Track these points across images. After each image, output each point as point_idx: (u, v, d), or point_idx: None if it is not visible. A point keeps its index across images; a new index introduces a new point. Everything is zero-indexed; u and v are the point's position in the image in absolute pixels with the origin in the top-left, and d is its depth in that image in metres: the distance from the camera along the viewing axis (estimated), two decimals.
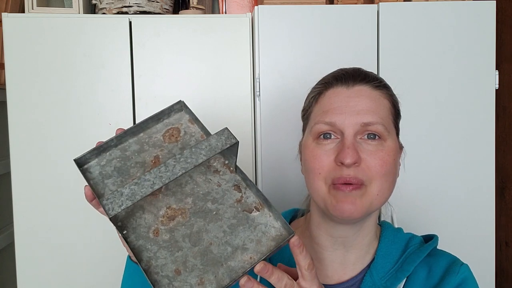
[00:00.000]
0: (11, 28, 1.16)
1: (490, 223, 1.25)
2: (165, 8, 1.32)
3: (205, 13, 1.36)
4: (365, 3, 1.27)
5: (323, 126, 0.65)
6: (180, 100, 0.66)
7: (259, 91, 1.20)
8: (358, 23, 1.21)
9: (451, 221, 1.25)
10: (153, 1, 1.27)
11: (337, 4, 1.27)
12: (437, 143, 1.23)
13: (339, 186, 0.62)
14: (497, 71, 1.23)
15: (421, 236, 0.74)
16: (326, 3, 1.27)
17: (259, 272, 0.51)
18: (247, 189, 0.60)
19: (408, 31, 1.21)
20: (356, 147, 0.63)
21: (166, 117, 0.65)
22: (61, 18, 1.19)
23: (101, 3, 1.26)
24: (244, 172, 0.62)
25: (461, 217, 1.25)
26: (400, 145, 0.70)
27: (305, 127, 0.72)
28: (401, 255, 0.69)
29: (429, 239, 0.72)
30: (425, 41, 1.22)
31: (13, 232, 1.18)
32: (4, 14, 1.16)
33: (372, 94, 0.66)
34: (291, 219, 0.81)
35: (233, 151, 0.60)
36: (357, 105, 0.64)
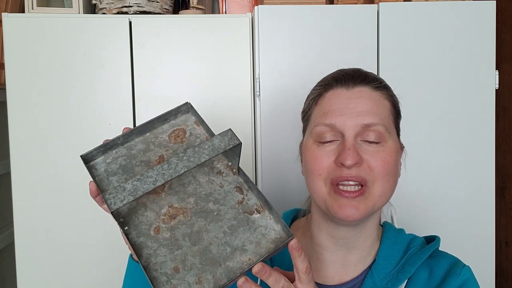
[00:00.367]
0: (11, 28, 1.16)
1: (490, 223, 1.25)
2: (165, 8, 1.32)
3: (205, 13, 1.36)
4: (365, 3, 1.27)
5: (323, 128, 0.65)
6: (187, 102, 0.67)
7: (259, 91, 1.20)
8: (358, 23, 1.21)
9: (451, 221, 1.25)
10: (153, 1, 1.27)
11: (337, 4, 1.27)
12: (437, 143, 1.23)
13: (341, 192, 0.62)
14: (497, 71, 1.23)
15: (423, 237, 0.74)
16: (326, 3, 1.27)
17: (257, 273, 0.51)
18: (249, 191, 0.60)
19: (408, 31, 1.21)
20: (357, 148, 0.62)
21: (173, 118, 0.66)
22: (61, 18, 1.18)
23: (101, 3, 1.26)
24: (246, 173, 0.62)
25: (461, 217, 1.25)
26: (401, 145, 0.70)
27: (305, 128, 0.72)
28: (403, 257, 0.69)
29: (431, 240, 0.72)
30: (425, 41, 1.22)
31: (13, 232, 1.18)
32: (4, 14, 1.16)
33: (373, 95, 0.66)
34: (292, 219, 0.80)
35: (236, 153, 0.60)
36: (357, 107, 0.64)
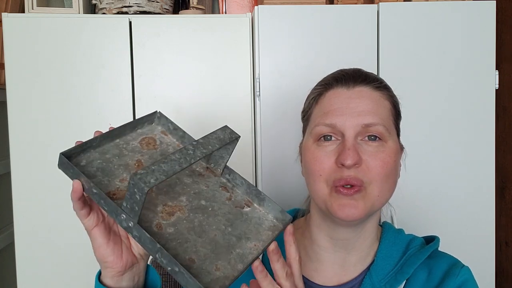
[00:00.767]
0: (11, 28, 1.16)
1: (490, 223, 1.25)
2: (165, 8, 1.32)
3: (205, 13, 1.36)
4: (365, 3, 1.27)
5: (323, 128, 0.65)
6: (156, 110, 0.67)
7: (259, 91, 1.20)
8: (358, 23, 1.21)
9: (451, 221, 1.25)
10: (153, 1, 1.27)
11: (337, 4, 1.27)
12: (437, 143, 1.23)
13: (340, 190, 0.62)
14: (497, 71, 1.23)
15: (422, 237, 0.73)
16: (326, 3, 1.27)
17: (273, 251, 0.54)
18: (234, 188, 0.63)
19: (408, 31, 1.21)
20: (356, 148, 0.62)
21: (140, 126, 0.66)
22: (61, 18, 1.18)
23: (101, 3, 1.26)
24: (236, 171, 0.64)
25: (461, 217, 1.25)
26: (401, 146, 0.70)
27: (305, 128, 0.72)
28: (402, 257, 0.69)
29: (431, 240, 0.72)
30: (425, 41, 1.21)
31: (13, 232, 1.18)
32: (4, 14, 1.16)
33: (373, 95, 0.66)
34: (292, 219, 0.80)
35: (228, 150, 0.62)
36: (357, 106, 0.64)
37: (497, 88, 1.23)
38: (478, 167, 1.24)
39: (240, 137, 0.60)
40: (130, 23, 1.20)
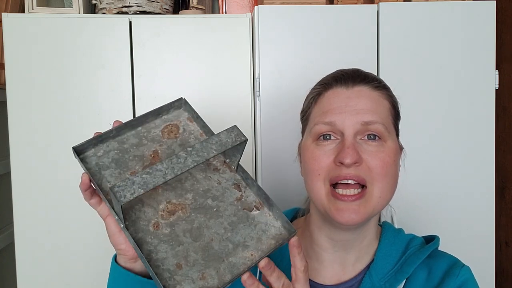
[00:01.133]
0: (11, 28, 1.16)
1: (490, 223, 1.25)
2: (165, 8, 1.32)
3: (205, 13, 1.36)
4: (365, 3, 1.27)
5: (322, 127, 0.64)
6: (181, 97, 0.66)
7: (259, 91, 1.20)
8: (358, 23, 1.21)
9: (451, 221, 1.25)
10: (153, 1, 1.27)
11: (337, 4, 1.27)
12: (437, 143, 1.23)
13: (339, 196, 0.61)
14: (497, 71, 1.23)
15: (422, 237, 0.73)
16: (326, 3, 1.27)
17: (263, 268, 0.52)
18: (247, 188, 0.60)
19: (408, 31, 1.21)
20: (356, 147, 0.62)
21: (165, 113, 0.65)
22: (61, 18, 1.18)
23: (101, 3, 1.26)
24: (246, 171, 0.61)
25: (461, 217, 1.25)
26: (400, 146, 0.70)
27: (304, 128, 0.72)
28: (401, 256, 0.69)
29: (431, 240, 0.72)
30: (425, 41, 1.21)
31: (13, 232, 1.18)
32: (4, 14, 1.16)
33: (372, 95, 0.66)
34: (291, 218, 0.80)
35: (239, 150, 0.59)
36: (357, 105, 0.64)
37: (497, 88, 1.23)
38: (478, 167, 1.24)
39: (247, 140, 0.57)
40: (130, 23, 1.20)
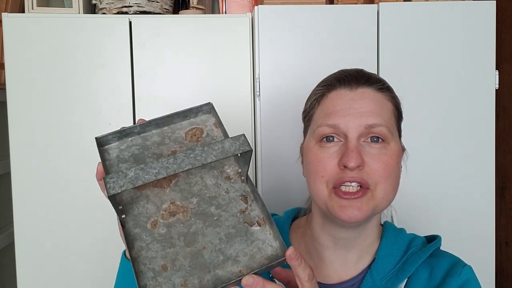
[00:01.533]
0: (11, 28, 1.16)
1: (490, 223, 1.25)
2: (165, 8, 1.32)
3: (205, 13, 1.36)
4: (365, 3, 1.27)
5: (326, 129, 0.64)
6: (209, 102, 0.66)
7: (259, 91, 1.20)
8: (358, 23, 1.21)
9: (451, 221, 1.25)
10: (153, 1, 1.27)
11: (337, 4, 1.27)
12: (437, 143, 1.23)
13: (341, 194, 0.62)
14: (497, 71, 1.23)
15: (423, 236, 0.73)
16: (326, 3, 1.27)
17: (246, 286, 0.49)
18: (254, 202, 0.59)
19: (408, 31, 1.21)
20: (359, 150, 0.62)
21: (193, 116, 0.66)
22: (61, 18, 1.18)
23: (101, 3, 1.26)
24: (253, 183, 0.61)
25: (461, 217, 1.25)
26: (403, 147, 0.70)
27: (306, 129, 0.72)
28: (403, 256, 0.69)
29: (432, 239, 0.72)
30: (425, 41, 1.22)
31: (13, 232, 1.18)
32: (4, 14, 1.16)
33: (376, 97, 0.65)
34: (293, 218, 0.81)
35: (246, 160, 0.59)
36: (361, 107, 0.64)
37: (497, 88, 1.23)
38: (478, 167, 1.24)
39: (252, 150, 0.56)
40: (130, 23, 1.20)
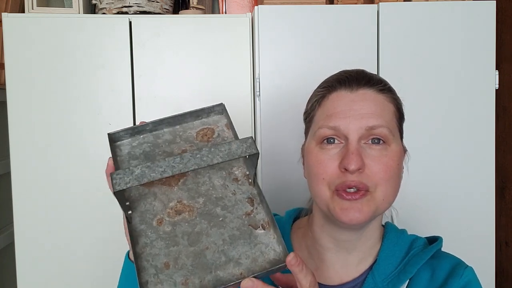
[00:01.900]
0: (11, 28, 1.16)
1: (490, 223, 1.25)
2: (165, 8, 1.32)
3: (205, 13, 1.36)
4: (365, 3, 1.27)
5: (326, 131, 0.64)
6: (221, 103, 0.66)
7: (259, 91, 1.20)
8: (358, 23, 1.21)
9: (451, 221, 1.25)
10: (153, 1, 1.27)
11: (337, 4, 1.27)
12: (437, 143, 1.23)
13: (343, 195, 0.62)
14: (497, 71, 1.23)
15: (425, 237, 0.73)
16: (326, 3, 1.27)
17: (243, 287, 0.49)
18: (260, 205, 0.59)
19: (408, 31, 1.21)
20: (360, 152, 0.62)
21: (205, 116, 0.66)
22: (61, 18, 1.18)
23: (101, 3, 1.26)
24: (260, 187, 0.61)
25: (461, 217, 1.25)
26: (404, 149, 0.70)
27: (307, 130, 0.71)
28: (404, 257, 0.69)
29: (434, 240, 0.72)
30: (425, 41, 1.21)
31: (13, 232, 1.18)
32: (4, 14, 1.16)
33: (377, 98, 0.65)
34: (294, 218, 0.80)
35: (253, 162, 0.59)
36: (361, 109, 0.64)
37: (497, 88, 1.23)
38: (478, 167, 1.24)
39: (258, 153, 0.56)
40: (130, 23, 1.20)
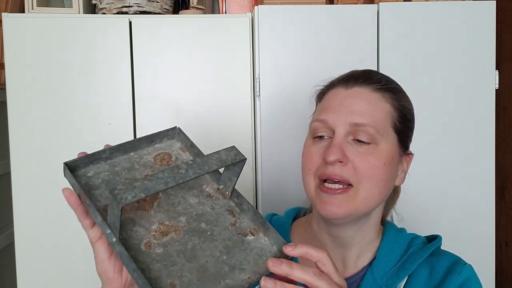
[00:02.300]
0: (11, 28, 1.16)
1: (490, 223, 1.25)
2: (165, 8, 1.32)
3: (205, 13, 1.36)
4: (365, 3, 1.27)
5: (316, 124, 0.67)
6: (176, 126, 0.66)
7: (259, 91, 1.20)
8: (358, 23, 1.21)
9: (451, 221, 1.25)
10: (153, 1, 1.27)
11: (337, 4, 1.27)
12: (437, 143, 1.23)
13: (321, 187, 0.64)
14: (497, 71, 1.23)
15: (424, 236, 0.74)
16: (326, 3, 1.27)
17: (264, 287, 0.48)
18: (241, 214, 0.59)
19: (408, 31, 1.21)
20: (343, 146, 0.63)
21: (158, 141, 0.65)
22: (61, 18, 1.18)
23: (101, 3, 1.26)
24: (242, 195, 0.60)
25: (461, 217, 1.25)
26: (407, 152, 0.70)
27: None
28: (403, 255, 0.69)
29: (433, 239, 0.72)
30: (425, 41, 1.21)
31: (13, 232, 1.18)
32: (4, 14, 1.16)
33: (371, 97, 0.66)
34: (294, 217, 0.81)
35: (236, 172, 0.59)
36: (351, 105, 0.65)
37: (497, 88, 1.23)
38: (478, 167, 1.24)
39: (246, 159, 0.57)
40: (130, 23, 1.20)
